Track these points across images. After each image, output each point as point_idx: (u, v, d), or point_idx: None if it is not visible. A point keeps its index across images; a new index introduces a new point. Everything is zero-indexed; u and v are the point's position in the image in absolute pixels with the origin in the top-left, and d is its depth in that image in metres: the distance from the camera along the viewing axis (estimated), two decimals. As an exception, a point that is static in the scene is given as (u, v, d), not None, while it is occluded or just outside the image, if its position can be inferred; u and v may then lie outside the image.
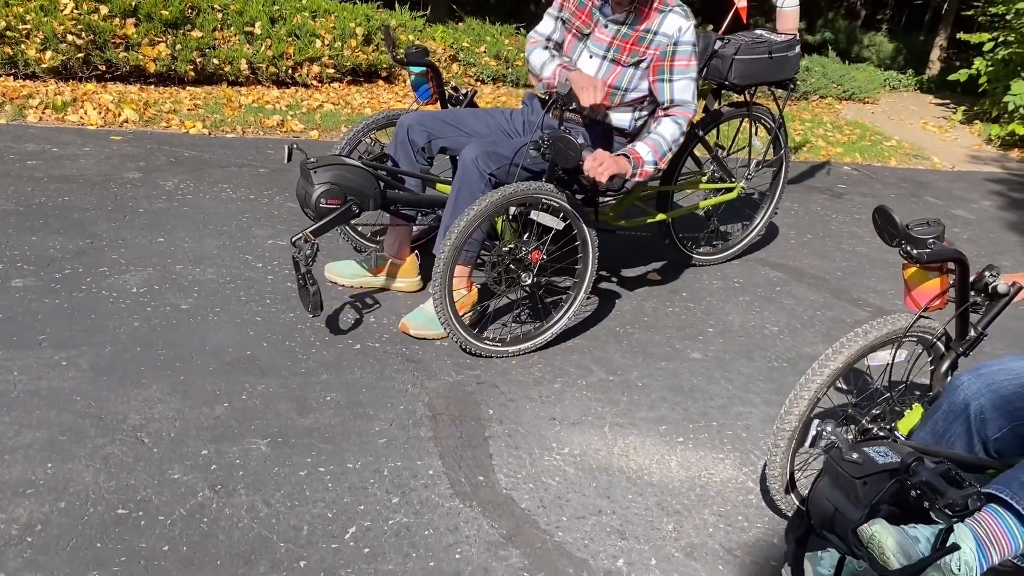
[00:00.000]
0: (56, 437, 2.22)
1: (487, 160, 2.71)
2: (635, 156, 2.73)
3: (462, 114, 3.05)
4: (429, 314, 2.86)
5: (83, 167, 4.11)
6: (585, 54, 2.93)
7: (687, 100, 2.88)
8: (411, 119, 2.96)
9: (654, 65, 2.86)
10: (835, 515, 1.58)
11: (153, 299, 2.96)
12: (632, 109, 2.98)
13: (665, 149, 2.82)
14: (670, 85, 2.86)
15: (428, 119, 2.98)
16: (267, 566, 1.89)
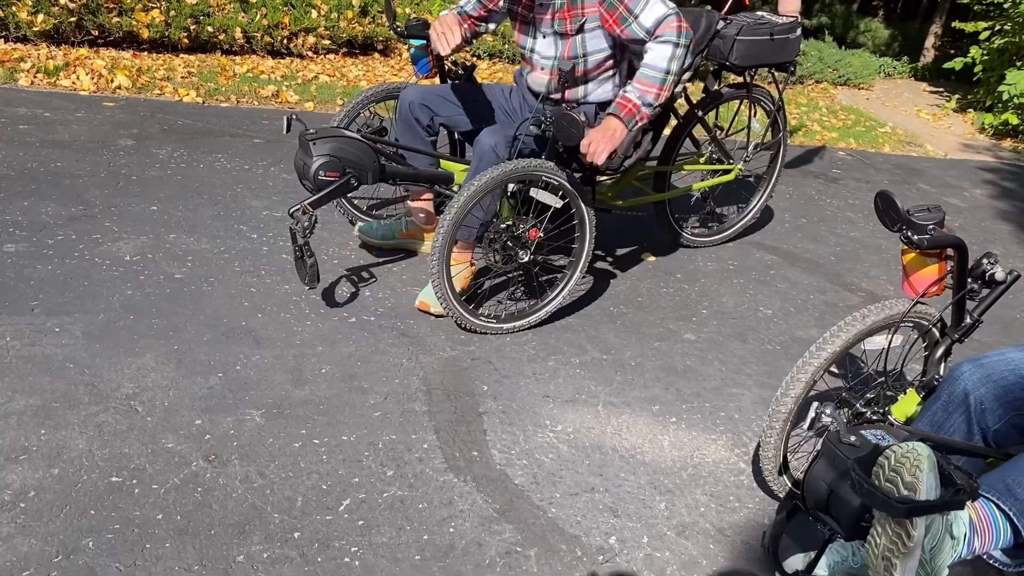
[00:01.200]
0: (49, 404, 2.21)
1: (505, 147, 2.69)
2: (626, 109, 2.59)
3: (463, 91, 3.03)
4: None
5: (75, 133, 4.06)
6: (539, 36, 2.83)
7: (663, 14, 2.59)
8: (413, 95, 2.93)
9: (611, 19, 2.65)
10: (830, 497, 1.59)
11: (147, 267, 2.94)
12: (606, 79, 2.88)
13: (660, 77, 2.58)
14: (637, 21, 2.61)
15: (430, 95, 2.95)
16: (261, 536, 1.89)
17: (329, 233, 3.37)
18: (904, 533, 1.45)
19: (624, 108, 2.61)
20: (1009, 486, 1.57)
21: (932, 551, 1.49)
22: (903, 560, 1.46)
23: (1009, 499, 1.56)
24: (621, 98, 2.63)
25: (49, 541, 1.79)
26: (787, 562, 1.94)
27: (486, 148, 2.69)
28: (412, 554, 1.90)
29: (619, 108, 2.61)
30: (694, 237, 3.77)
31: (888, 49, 11.10)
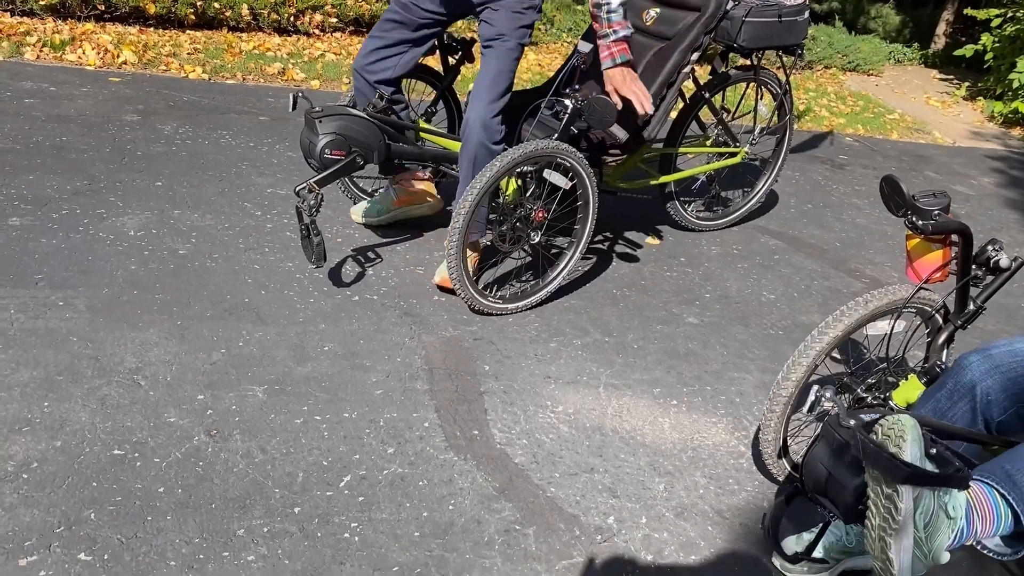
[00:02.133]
0: (53, 376, 2.22)
1: (495, 130, 2.75)
2: (607, 52, 2.71)
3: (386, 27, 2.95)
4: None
5: (81, 108, 4.06)
6: None
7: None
8: (358, 64, 2.94)
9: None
10: (829, 480, 1.60)
11: (151, 243, 2.94)
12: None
13: (592, 11, 2.70)
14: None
15: (369, 58, 2.93)
16: (262, 511, 1.90)
17: (333, 212, 3.37)
18: (892, 506, 1.44)
19: (609, 50, 2.72)
20: (1009, 472, 1.57)
21: (927, 529, 1.47)
22: (896, 538, 1.45)
23: (1008, 484, 1.55)
24: (602, 48, 2.75)
25: (51, 512, 1.81)
26: (785, 543, 1.95)
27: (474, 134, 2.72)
28: (411, 530, 1.91)
29: (605, 51, 2.72)
30: (699, 221, 3.76)
31: (899, 35, 11.02)
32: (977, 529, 1.54)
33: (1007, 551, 1.59)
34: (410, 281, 2.98)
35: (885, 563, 1.47)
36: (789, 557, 1.87)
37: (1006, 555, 1.59)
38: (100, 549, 1.74)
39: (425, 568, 1.81)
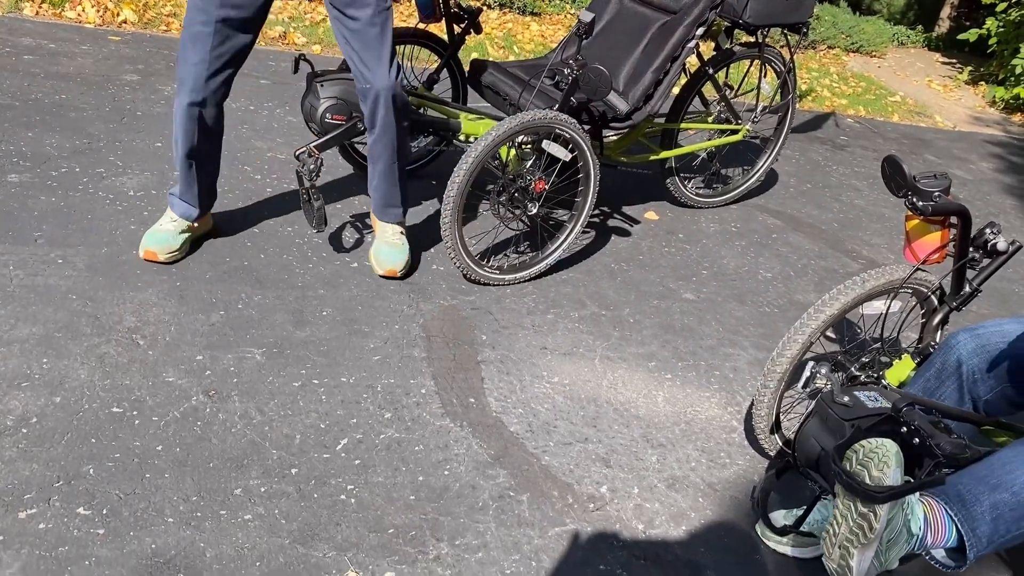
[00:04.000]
0: (52, 333, 2.22)
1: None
2: None
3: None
4: (395, 245, 2.79)
5: (80, 66, 4.03)
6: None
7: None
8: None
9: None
10: (821, 455, 1.62)
11: (150, 203, 2.94)
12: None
13: None
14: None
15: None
16: (259, 471, 1.92)
17: (332, 178, 3.36)
18: (867, 525, 1.49)
19: None
20: (961, 494, 1.60)
21: (889, 543, 1.53)
22: (860, 551, 1.51)
23: (958, 506, 1.59)
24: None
25: (50, 466, 1.83)
26: (773, 516, 1.98)
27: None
28: (407, 494, 1.93)
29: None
30: (698, 197, 3.76)
31: (903, 17, 10.97)
32: (928, 541, 1.59)
33: (951, 564, 1.63)
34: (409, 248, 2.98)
35: (843, 569, 1.52)
36: (777, 529, 1.90)
37: (949, 567, 1.63)
38: (99, 504, 1.76)
39: (420, 531, 1.84)
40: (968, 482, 1.61)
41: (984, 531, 1.55)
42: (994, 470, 1.59)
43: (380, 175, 2.70)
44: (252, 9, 2.40)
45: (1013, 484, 1.54)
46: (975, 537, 1.56)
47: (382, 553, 1.77)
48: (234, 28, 2.40)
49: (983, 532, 1.55)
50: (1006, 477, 1.56)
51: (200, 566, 1.66)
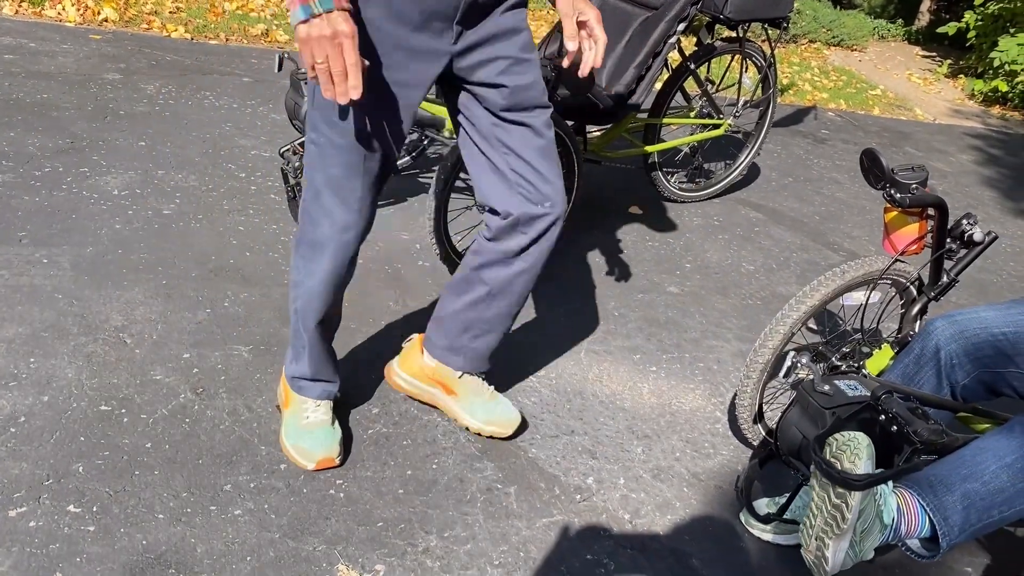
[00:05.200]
0: (38, 333, 2.23)
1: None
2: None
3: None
4: (496, 396, 2.18)
5: (62, 65, 4.01)
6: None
7: None
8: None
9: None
10: (803, 443, 1.65)
11: (135, 203, 2.94)
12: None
13: None
14: None
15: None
16: (248, 467, 1.93)
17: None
18: (840, 516, 1.52)
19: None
20: (933, 484, 1.64)
21: (862, 533, 1.57)
22: (835, 540, 1.54)
23: (929, 495, 1.63)
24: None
25: (40, 465, 1.83)
26: (757, 504, 2.01)
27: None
28: (396, 488, 1.95)
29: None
30: (681, 192, 3.79)
31: (883, 11, 11.05)
32: (902, 532, 1.62)
33: (925, 553, 1.67)
34: (394, 246, 2.99)
35: (820, 560, 1.56)
36: (760, 517, 1.93)
37: (924, 557, 1.67)
38: (89, 502, 1.76)
39: (408, 524, 1.86)
40: (940, 472, 1.64)
41: (956, 520, 1.59)
42: (965, 460, 1.62)
43: (501, 316, 2.01)
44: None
45: (983, 474, 1.58)
46: (947, 526, 1.59)
47: (372, 546, 1.79)
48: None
49: (955, 521, 1.59)
50: (977, 467, 1.60)
51: (191, 561, 1.68)
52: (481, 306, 1.98)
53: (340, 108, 1.61)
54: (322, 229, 1.75)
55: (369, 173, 1.71)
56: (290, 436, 1.98)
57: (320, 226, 1.75)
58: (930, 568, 1.99)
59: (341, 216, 1.73)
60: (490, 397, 2.15)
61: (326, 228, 1.74)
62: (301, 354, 1.95)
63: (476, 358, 2.09)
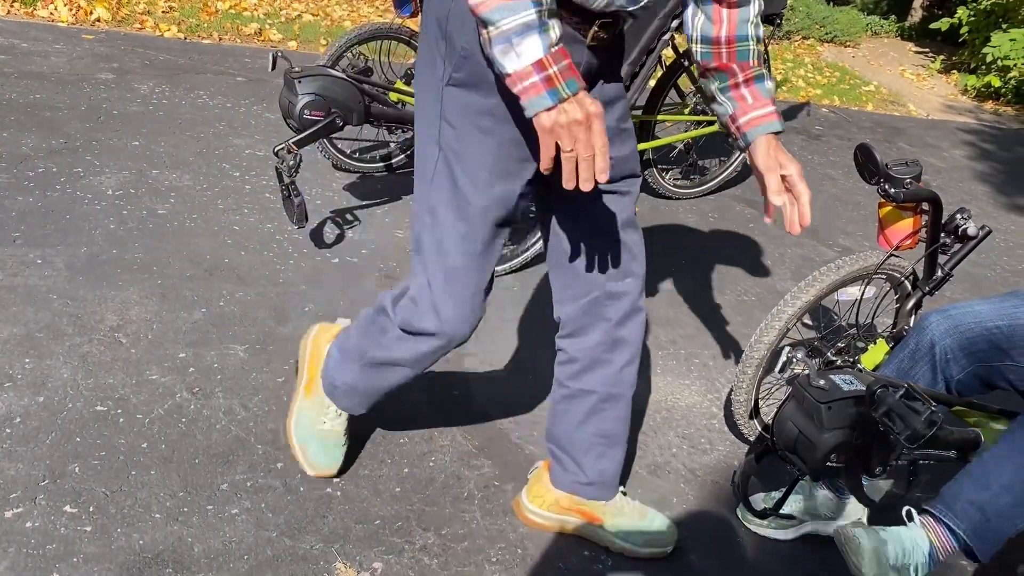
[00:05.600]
0: (33, 333, 2.22)
1: None
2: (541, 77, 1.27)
3: None
4: (644, 511, 1.94)
5: (54, 65, 4.00)
6: None
7: None
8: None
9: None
10: (799, 438, 1.65)
11: (129, 202, 2.93)
12: None
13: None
14: None
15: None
16: (245, 466, 1.93)
17: (312, 174, 3.36)
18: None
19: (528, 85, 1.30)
20: (954, 507, 1.68)
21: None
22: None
23: (955, 519, 1.67)
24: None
25: (36, 466, 1.83)
26: (753, 499, 2.01)
27: None
28: (393, 486, 1.95)
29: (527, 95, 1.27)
30: (676, 188, 3.80)
31: (876, 7, 11.07)
32: (940, 559, 1.70)
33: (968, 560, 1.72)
34: (390, 244, 2.99)
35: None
36: (757, 512, 1.94)
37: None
38: (85, 502, 1.76)
39: (406, 521, 1.86)
40: (959, 491, 1.68)
41: (988, 536, 1.64)
42: (980, 474, 1.66)
43: (620, 421, 1.83)
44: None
45: (997, 482, 1.62)
46: (981, 542, 1.64)
47: (369, 544, 1.79)
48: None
49: (988, 537, 1.64)
50: (991, 478, 1.64)
51: (188, 561, 1.67)
52: (595, 419, 1.79)
53: (476, 192, 1.48)
54: (426, 321, 1.62)
55: (490, 258, 1.58)
56: (300, 432, 1.90)
57: (424, 320, 1.62)
58: (926, 562, 2.00)
59: (451, 311, 1.59)
60: (640, 516, 1.90)
61: (429, 320, 1.61)
62: (360, 379, 1.79)
63: (607, 483, 1.86)
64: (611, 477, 1.86)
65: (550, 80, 1.22)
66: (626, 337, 1.73)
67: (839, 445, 1.60)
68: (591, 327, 1.71)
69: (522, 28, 1.20)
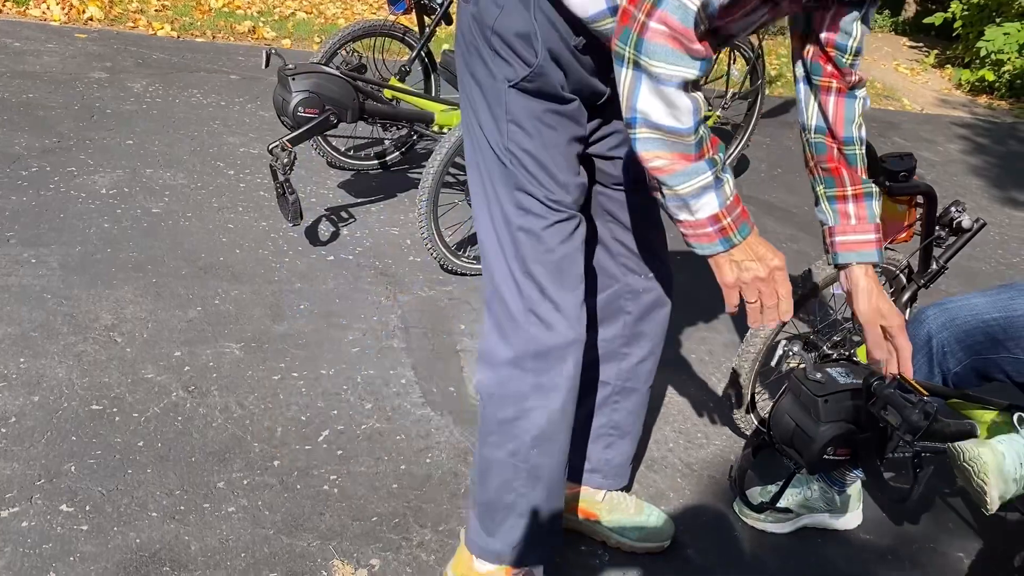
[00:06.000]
0: (28, 333, 2.21)
1: None
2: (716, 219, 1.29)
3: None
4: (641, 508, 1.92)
5: (47, 64, 3.99)
6: None
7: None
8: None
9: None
10: (795, 431, 1.65)
11: (123, 201, 2.92)
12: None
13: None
14: None
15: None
16: (241, 464, 1.93)
17: (306, 172, 3.36)
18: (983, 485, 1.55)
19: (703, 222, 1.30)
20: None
21: (1015, 482, 1.58)
22: (991, 488, 1.56)
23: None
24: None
25: (31, 465, 1.82)
26: (750, 493, 2.01)
27: None
28: (390, 483, 1.95)
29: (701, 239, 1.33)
30: (671, 184, 3.79)
31: (869, 2, 11.06)
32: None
33: None
34: (385, 242, 2.99)
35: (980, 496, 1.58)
36: (754, 506, 1.94)
37: None
38: (82, 501, 1.76)
39: (403, 518, 1.86)
40: None
41: None
42: None
43: (632, 415, 1.81)
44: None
45: None
46: None
47: (366, 541, 1.78)
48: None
49: None
50: None
51: (185, 559, 1.67)
52: (607, 410, 1.77)
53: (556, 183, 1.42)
54: (556, 328, 1.46)
55: (579, 242, 1.49)
56: None
57: (553, 326, 1.45)
58: (924, 554, 2.00)
59: (570, 302, 1.46)
60: (636, 511, 1.88)
61: (561, 325, 1.46)
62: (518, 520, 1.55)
63: (614, 474, 1.84)
64: (616, 467, 1.84)
65: (723, 230, 1.26)
66: (646, 332, 1.72)
67: (836, 438, 1.60)
68: (610, 320, 1.70)
69: (699, 191, 1.22)
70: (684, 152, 1.19)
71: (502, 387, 1.49)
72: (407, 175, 3.49)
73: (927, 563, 1.98)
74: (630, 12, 1.13)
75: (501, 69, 1.36)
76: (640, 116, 1.17)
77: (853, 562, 1.95)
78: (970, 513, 2.15)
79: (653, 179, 1.23)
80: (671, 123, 1.16)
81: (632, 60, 1.15)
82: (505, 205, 1.43)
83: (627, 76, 1.16)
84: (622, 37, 1.15)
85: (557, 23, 1.31)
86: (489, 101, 1.40)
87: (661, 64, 1.13)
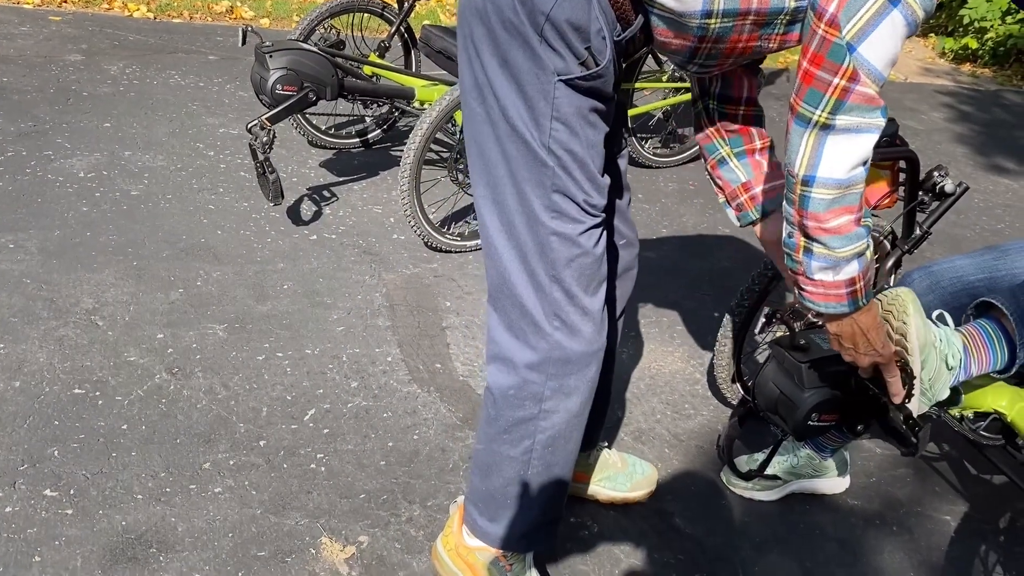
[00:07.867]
0: (7, 318, 2.19)
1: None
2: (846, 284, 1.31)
3: None
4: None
5: (21, 47, 3.93)
6: None
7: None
8: None
9: None
10: (779, 398, 1.65)
11: (102, 184, 2.89)
12: None
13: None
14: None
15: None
16: (227, 445, 1.92)
17: (287, 151, 3.33)
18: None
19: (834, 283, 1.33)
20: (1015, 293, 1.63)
21: (930, 382, 1.57)
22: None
23: (1012, 304, 1.61)
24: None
25: (14, 450, 1.81)
26: (738, 461, 2.02)
27: None
28: (377, 460, 1.94)
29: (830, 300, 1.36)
30: (655, 157, 3.78)
31: (852, -28, 11.03)
32: (973, 371, 1.62)
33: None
34: (368, 220, 2.97)
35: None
36: (742, 474, 1.94)
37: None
38: (66, 485, 1.74)
39: (392, 495, 1.85)
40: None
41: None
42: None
43: (610, 369, 1.87)
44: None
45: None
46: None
47: (354, 518, 1.78)
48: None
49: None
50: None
51: (172, 540, 1.66)
52: None
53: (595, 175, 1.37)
54: (583, 334, 1.43)
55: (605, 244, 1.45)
56: None
57: (580, 332, 1.42)
58: (911, 517, 2.02)
59: (597, 307, 1.44)
60: (623, 464, 1.93)
61: (588, 331, 1.43)
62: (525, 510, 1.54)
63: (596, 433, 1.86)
64: (596, 426, 1.82)
65: (854, 293, 1.29)
66: (621, 293, 1.77)
67: (820, 404, 1.60)
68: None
69: (852, 256, 1.25)
70: (850, 205, 1.22)
71: (521, 389, 1.45)
72: (389, 153, 3.46)
73: (914, 526, 1.99)
74: (815, 74, 1.16)
75: (552, 61, 1.26)
76: (820, 176, 1.20)
77: (840, 527, 1.96)
78: (955, 477, 2.16)
79: (805, 239, 1.26)
80: (851, 175, 1.20)
81: (822, 123, 1.18)
82: (534, 205, 1.35)
83: (810, 137, 1.19)
84: (810, 99, 1.17)
85: (608, 14, 1.26)
86: (528, 92, 1.29)
87: (857, 118, 1.18)
